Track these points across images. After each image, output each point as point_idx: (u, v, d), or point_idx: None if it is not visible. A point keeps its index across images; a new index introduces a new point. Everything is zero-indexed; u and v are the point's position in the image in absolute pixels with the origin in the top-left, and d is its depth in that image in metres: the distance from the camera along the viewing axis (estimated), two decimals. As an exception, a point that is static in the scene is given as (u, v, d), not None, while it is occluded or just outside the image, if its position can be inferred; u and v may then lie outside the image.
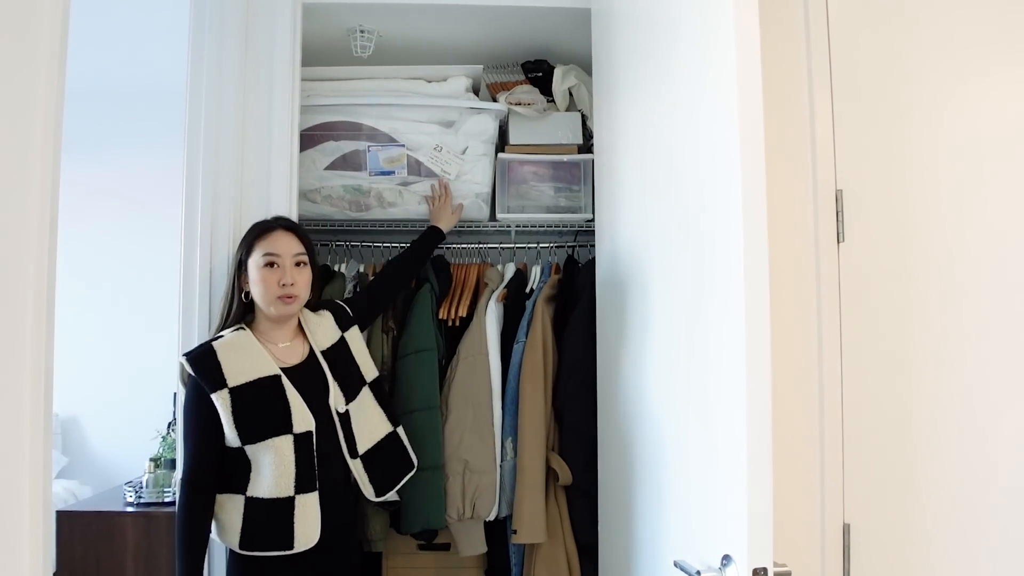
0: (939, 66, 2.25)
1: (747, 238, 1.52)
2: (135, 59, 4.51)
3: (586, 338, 2.84)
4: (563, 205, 3.33)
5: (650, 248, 2.16)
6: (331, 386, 2.44)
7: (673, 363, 1.95)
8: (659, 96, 2.09)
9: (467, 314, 3.16)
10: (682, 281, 1.90)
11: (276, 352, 2.41)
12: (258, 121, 2.75)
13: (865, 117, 2.25)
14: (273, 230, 2.44)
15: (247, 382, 2.29)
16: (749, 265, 1.52)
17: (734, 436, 1.54)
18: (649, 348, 2.13)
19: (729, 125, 1.58)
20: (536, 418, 2.95)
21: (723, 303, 1.62)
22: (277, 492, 2.27)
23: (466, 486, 2.94)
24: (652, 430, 2.09)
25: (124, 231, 5.00)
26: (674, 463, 1.92)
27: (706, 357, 1.73)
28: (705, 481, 1.72)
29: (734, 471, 1.53)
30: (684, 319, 1.88)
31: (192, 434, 2.31)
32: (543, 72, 3.45)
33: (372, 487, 2.51)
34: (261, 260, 2.38)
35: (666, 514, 1.97)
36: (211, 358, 2.30)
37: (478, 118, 3.24)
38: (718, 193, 1.65)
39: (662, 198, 2.06)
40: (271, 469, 2.27)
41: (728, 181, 1.59)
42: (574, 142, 3.35)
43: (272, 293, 2.36)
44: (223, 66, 2.70)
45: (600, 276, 2.72)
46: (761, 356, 1.51)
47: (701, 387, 1.76)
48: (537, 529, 2.89)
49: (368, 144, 3.20)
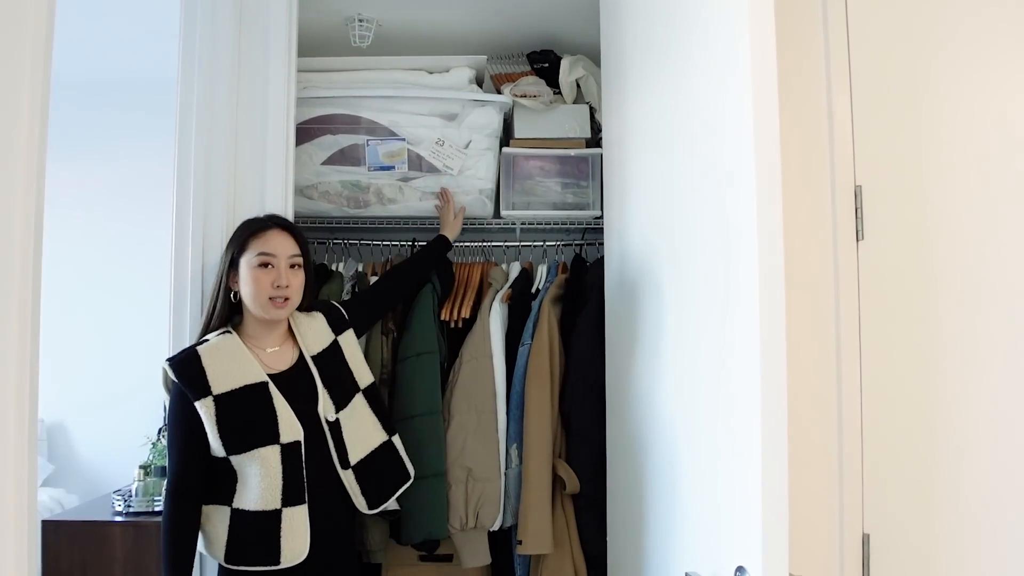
0: (962, 57, 2.25)
1: (761, 237, 1.52)
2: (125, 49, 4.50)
3: (594, 340, 2.85)
4: (570, 201, 3.34)
5: (662, 247, 2.16)
6: (320, 394, 2.43)
7: (687, 367, 1.95)
8: (670, 88, 2.09)
9: (470, 315, 3.16)
10: (695, 282, 1.90)
11: (264, 357, 2.39)
12: (252, 114, 2.75)
13: (885, 110, 2.25)
14: (268, 229, 2.41)
15: (232, 389, 2.28)
16: (763, 265, 1.52)
17: (748, 442, 1.54)
18: (662, 351, 2.13)
19: (743, 118, 1.58)
20: (542, 424, 2.95)
21: (736, 305, 1.62)
22: (263, 504, 2.25)
23: (469, 494, 2.94)
24: (664, 436, 2.09)
25: (113, 229, 4.98)
26: (687, 470, 1.92)
27: (719, 361, 1.73)
28: (718, 489, 1.72)
29: (749, 478, 1.53)
30: (697, 321, 1.87)
31: (177, 442, 2.30)
32: (549, 63, 3.45)
33: (364, 499, 2.49)
34: (255, 260, 2.36)
35: (678, 523, 1.97)
36: (195, 364, 2.28)
37: (482, 111, 3.24)
38: (731, 190, 1.65)
39: (674, 195, 2.06)
40: (257, 480, 2.25)
41: (741, 177, 1.58)
42: (582, 136, 3.35)
43: (264, 295, 2.34)
44: (216, 56, 2.70)
45: (609, 276, 2.72)
46: (776, 359, 1.51)
47: (714, 392, 1.76)
48: (543, 539, 2.89)
49: (367, 138, 3.20)
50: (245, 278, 2.37)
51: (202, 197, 2.66)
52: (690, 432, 1.92)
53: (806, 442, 2.14)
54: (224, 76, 2.70)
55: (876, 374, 2.19)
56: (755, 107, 1.55)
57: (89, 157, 5.00)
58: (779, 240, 1.53)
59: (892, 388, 2.19)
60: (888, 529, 2.16)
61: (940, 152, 2.23)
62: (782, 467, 1.49)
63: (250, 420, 2.28)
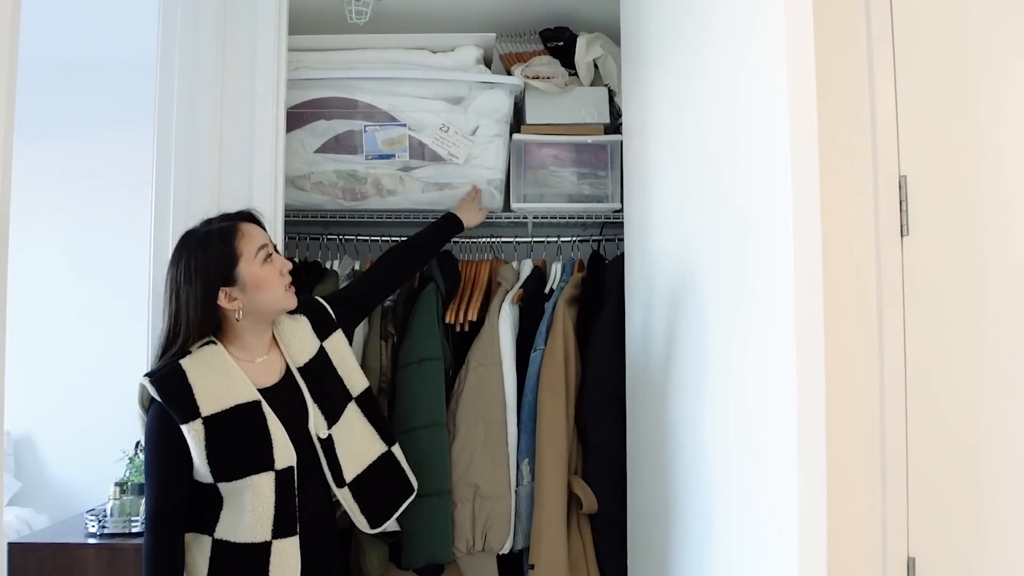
0: (1015, 35, 2.25)
1: (797, 234, 1.53)
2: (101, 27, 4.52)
3: (614, 346, 2.86)
4: (587, 193, 3.35)
5: (689, 244, 2.17)
6: (311, 409, 2.37)
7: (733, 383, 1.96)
8: (700, 70, 2.10)
9: (478, 318, 3.17)
10: (723, 283, 1.91)
11: (252, 370, 2.31)
12: (239, 97, 2.77)
13: (932, 94, 2.25)
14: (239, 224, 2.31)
15: (223, 410, 2.20)
16: (799, 266, 1.53)
17: (782, 462, 1.55)
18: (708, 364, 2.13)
19: (777, 103, 1.59)
20: (556, 437, 2.95)
21: (768, 306, 1.63)
22: (252, 536, 2.19)
23: (476, 514, 2.95)
24: (700, 457, 2.10)
25: (85, 224, 4.99)
26: (721, 494, 1.93)
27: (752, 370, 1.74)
28: (750, 510, 1.73)
29: (784, 502, 1.54)
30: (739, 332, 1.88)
31: (157, 467, 2.22)
32: (564, 41, 3.46)
33: (365, 517, 2.46)
34: (258, 256, 2.28)
35: (708, 548, 1.98)
36: (180, 380, 2.19)
37: (490, 94, 3.26)
38: (764, 181, 1.66)
39: (708, 188, 2.07)
40: (247, 510, 2.19)
41: (775, 167, 1.60)
42: (600, 121, 3.36)
43: (282, 287, 2.31)
44: (198, 33, 2.72)
45: (630, 275, 2.73)
46: (813, 371, 1.52)
47: (742, 402, 1.77)
48: (558, 563, 2.89)
49: (364, 123, 3.22)
50: (256, 281, 2.26)
51: (184, 190, 2.67)
52: (729, 452, 1.92)
53: (847, 458, 2.14)
54: (208, 56, 2.72)
55: (923, 382, 2.19)
56: (790, 89, 1.56)
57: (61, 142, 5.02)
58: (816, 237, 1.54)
59: (941, 398, 2.19)
60: (935, 552, 2.16)
61: (992, 141, 2.22)
62: (820, 489, 1.51)
63: (243, 444, 2.21)
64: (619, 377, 2.78)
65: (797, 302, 1.53)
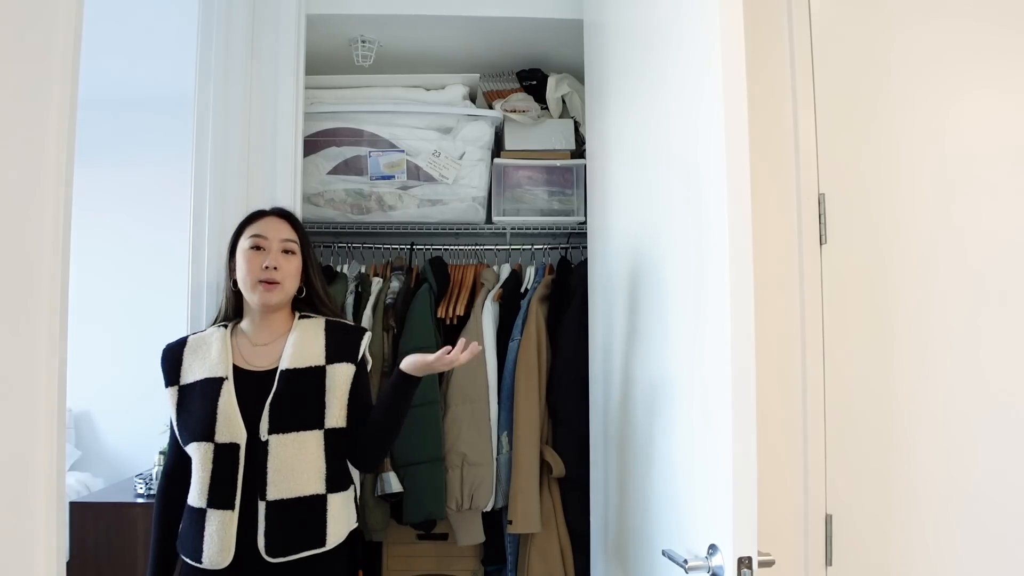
0: (921, 71, 2.25)
1: (732, 240, 1.52)
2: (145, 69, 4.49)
3: (579, 336, 2.86)
4: (556, 208, 3.34)
5: (641, 250, 2.16)
6: (265, 408, 2.07)
7: (663, 359, 1.95)
8: (648, 103, 2.09)
9: (464, 313, 3.16)
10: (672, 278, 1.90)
11: (246, 351, 2.17)
12: (264, 128, 2.75)
13: (847, 122, 2.25)
14: (265, 215, 2.25)
15: (194, 381, 2.13)
16: (734, 265, 1.52)
17: (720, 430, 1.54)
18: (640, 343, 2.13)
19: (715, 130, 1.58)
20: (531, 413, 2.95)
21: (707, 299, 1.62)
22: (194, 501, 2.06)
23: (464, 478, 2.94)
24: (642, 424, 2.09)
25: (138, 233, 4.97)
26: (662, 457, 1.92)
27: (692, 352, 1.73)
28: (692, 473, 1.72)
29: (720, 464, 1.53)
30: (673, 316, 1.87)
31: (171, 426, 2.17)
32: (537, 80, 3.46)
33: (264, 541, 2.02)
34: (247, 242, 2.17)
35: (654, 505, 1.97)
36: (177, 353, 2.18)
37: (475, 124, 3.25)
38: (704, 197, 1.65)
39: (652, 200, 2.06)
40: (196, 476, 2.06)
41: (713, 185, 1.58)
42: (567, 148, 3.36)
43: (254, 277, 2.13)
44: (230, 75, 2.70)
45: (592, 276, 2.72)
46: (746, 353, 1.51)
47: (688, 382, 1.76)
48: (532, 519, 2.90)
49: (369, 150, 3.21)
50: (239, 262, 2.18)
51: (218, 204, 2.66)
52: (665, 420, 1.92)
53: (774, 429, 2.14)
54: (237, 93, 2.70)
55: (838, 368, 2.20)
56: (726, 119, 1.54)
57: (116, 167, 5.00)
58: (748, 234, 1.53)
59: (852, 382, 2.19)
60: (850, 509, 2.17)
61: (899, 161, 2.23)
62: (751, 453, 1.49)
63: (195, 413, 2.08)
64: (583, 362, 2.77)
65: (732, 300, 1.51)
